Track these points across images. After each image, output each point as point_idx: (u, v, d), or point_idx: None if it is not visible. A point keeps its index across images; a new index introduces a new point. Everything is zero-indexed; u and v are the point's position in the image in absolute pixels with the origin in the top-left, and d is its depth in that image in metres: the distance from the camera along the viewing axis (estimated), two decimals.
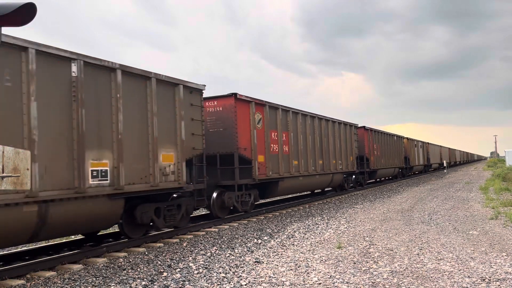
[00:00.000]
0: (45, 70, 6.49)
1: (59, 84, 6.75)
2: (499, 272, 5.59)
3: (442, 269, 5.82)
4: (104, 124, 7.44)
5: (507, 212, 10.96)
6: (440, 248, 7.16)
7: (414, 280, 5.36)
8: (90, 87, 7.22)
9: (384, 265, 6.17)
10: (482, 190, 18.75)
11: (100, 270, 6.51)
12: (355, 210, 13.25)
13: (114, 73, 7.69)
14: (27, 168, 3.21)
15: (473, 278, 5.36)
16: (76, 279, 6.02)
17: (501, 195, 16.06)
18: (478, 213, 11.40)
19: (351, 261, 6.49)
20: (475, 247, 7.20)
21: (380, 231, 9.09)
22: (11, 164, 3.08)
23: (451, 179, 29.72)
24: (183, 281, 5.73)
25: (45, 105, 6.46)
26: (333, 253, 7.15)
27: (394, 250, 7.15)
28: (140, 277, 6.05)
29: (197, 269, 6.41)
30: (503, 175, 27.50)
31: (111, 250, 7.85)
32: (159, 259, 7.20)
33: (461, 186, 22.02)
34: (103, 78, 7.52)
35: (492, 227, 9.10)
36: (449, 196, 16.81)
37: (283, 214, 12.96)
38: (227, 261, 6.85)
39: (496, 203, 12.97)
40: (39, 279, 6.09)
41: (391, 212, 12.31)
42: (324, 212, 13.15)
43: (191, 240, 8.94)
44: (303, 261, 6.62)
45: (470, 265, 5.98)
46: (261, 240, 8.71)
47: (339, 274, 5.80)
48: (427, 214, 11.61)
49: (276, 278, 5.72)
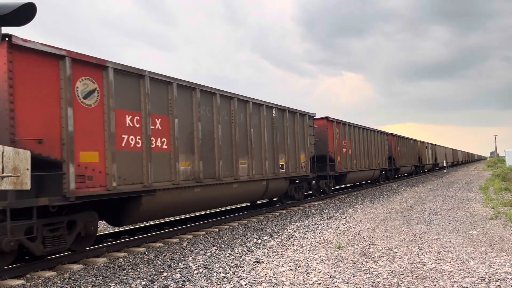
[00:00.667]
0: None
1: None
2: (499, 272, 5.59)
3: (442, 269, 5.82)
4: (280, 142, 13.43)
5: (507, 212, 10.96)
6: (440, 248, 7.16)
7: (414, 280, 5.36)
8: (279, 123, 13.51)
9: (384, 265, 6.17)
10: (482, 190, 18.75)
11: (100, 270, 6.51)
12: (355, 210, 13.25)
13: (285, 112, 13.85)
14: (27, 168, 3.21)
15: (473, 278, 5.36)
16: (76, 279, 6.02)
17: (501, 195, 16.06)
18: (478, 213, 11.40)
19: (351, 261, 6.50)
20: (475, 247, 7.20)
21: (380, 231, 9.09)
22: (11, 164, 3.08)
23: (451, 179, 29.72)
24: (183, 281, 5.73)
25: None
26: (333, 253, 7.15)
27: (394, 250, 7.15)
28: (140, 277, 6.06)
29: (197, 269, 6.41)
30: (503, 175, 27.49)
31: (111, 250, 7.84)
32: (159, 259, 7.20)
33: (461, 186, 22.02)
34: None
35: (492, 227, 9.10)
36: (449, 196, 16.81)
37: (283, 214, 12.96)
38: (227, 261, 6.85)
39: (496, 203, 12.98)
40: (39, 279, 6.09)
41: (391, 212, 12.31)
42: (324, 212, 13.15)
43: (191, 240, 8.94)
44: (303, 261, 6.62)
45: (470, 265, 5.99)
46: (261, 240, 8.71)
47: (339, 274, 5.80)
48: (427, 214, 11.61)
49: (276, 278, 5.73)
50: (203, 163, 9.69)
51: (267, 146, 12.57)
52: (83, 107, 6.95)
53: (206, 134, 9.94)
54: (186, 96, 9.29)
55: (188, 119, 9.31)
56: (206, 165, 9.84)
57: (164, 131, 8.57)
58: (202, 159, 9.66)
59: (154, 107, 8.33)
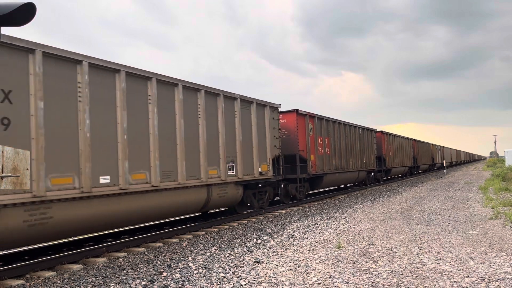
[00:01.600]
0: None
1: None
2: (498, 272, 5.60)
3: (441, 269, 5.82)
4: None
5: (506, 212, 10.97)
6: (439, 248, 7.16)
7: (413, 280, 5.37)
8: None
9: (383, 265, 6.17)
10: (482, 190, 18.76)
11: (100, 270, 6.51)
12: (354, 210, 13.26)
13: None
14: (27, 168, 3.21)
15: (473, 278, 5.36)
16: (75, 279, 6.02)
17: (500, 195, 16.07)
18: (478, 213, 11.41)
19: (351, 261, 6.50)
20: (474, 247, 7.21)
21: (380, 231, 9.10)
22: (11, 164, 3.08)
23: (450, 179, 29.73)
24: (183, 281, 5.73)
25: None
26: (333, 253, 7.15)
27: (393, 250, 7.15)
28: (140, 277, 6.06)
29: (196, 269, 6.41)
30: (503, 175, 27.49)
31: (110, 250, 7.84)
32: (158, 259, 7.20)
33: (460, 186, 22.02)
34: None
35: (492, 227, 9.10)
36: (448, 196, 16.82)
37: (282, 214, 12.96)
38: (226, 261, 6.85)
39: (495, 203, 12.98)
40: (39, 279, 6.09)
41: (391, 212, 12.31)
42: (323, 212, 13.15)
43: (191, 240, 8.94)
44: (303, 261, 6.62)
45: (470, 265, 5.99)
46: (260, 240, 8.71)
47: (339, 274, 5.80)
48: (426, 214, 11.61)
49: (275, 278, 5.73)
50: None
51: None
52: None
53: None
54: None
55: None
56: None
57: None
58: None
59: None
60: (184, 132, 9.33)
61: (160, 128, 8.68)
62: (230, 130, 11.05)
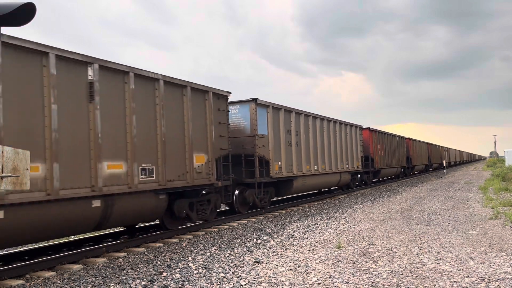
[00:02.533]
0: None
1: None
2: (498, 272, 5.60)
3: (441, 269, 5.82)
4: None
5: (506, 212, 10.97)
6: (439, 248, 7.16)
7: (413, 280, 5.37)
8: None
9: (383, 265, 6.17)
10: (482, 190, 18.76)
11: (100, 270, 6.51)
12: (354, 210, 13.26)
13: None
14: (27, 168, 3.21)
15: (473, 278, 5.36)
16: (75, 279, 6.02)
17: (500, 195, 16.07)
18: (478, 213, 11.41)
19: (351, 261, 6.50)
20: (474, 247, 7.21)
21: (380, 231, 9.10)
22: (11, 164, 3.08)
23: (450, 179, 29.73)
24: (183, 281, 5.73)
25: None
26: (333, 253, 7.15)
27: (393, 250, 7.15)
28: (140, 277, 6.05)
29: (196, 269, 6.41)
30: (503, 175, 27.49)
31: (110, 250, 7.84)
32: (158, 259, 7.20)
33: (460, 186, 22.03)
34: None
35: (492, 227, 9.10)
36: (448, 196, 16.82)
37: (282, 214, 12.96)
38: (226, 261, 6.85)
39: (495, 203, 12.98)
40: (39, 279, 6.09)
41: (391, 212, 12.31)
42: (323, 212, 13.15)
43: (191, 240, 8.94)
44: (303, 261, 6.62)
45: (470, 265, 5.99)
46: (260, 240, 8.71)
47: (339, 274, 5.80)
48: (426, 214, 11.61)
49: (275, 278, 5.73)
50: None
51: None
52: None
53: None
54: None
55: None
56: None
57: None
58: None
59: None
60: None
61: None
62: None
